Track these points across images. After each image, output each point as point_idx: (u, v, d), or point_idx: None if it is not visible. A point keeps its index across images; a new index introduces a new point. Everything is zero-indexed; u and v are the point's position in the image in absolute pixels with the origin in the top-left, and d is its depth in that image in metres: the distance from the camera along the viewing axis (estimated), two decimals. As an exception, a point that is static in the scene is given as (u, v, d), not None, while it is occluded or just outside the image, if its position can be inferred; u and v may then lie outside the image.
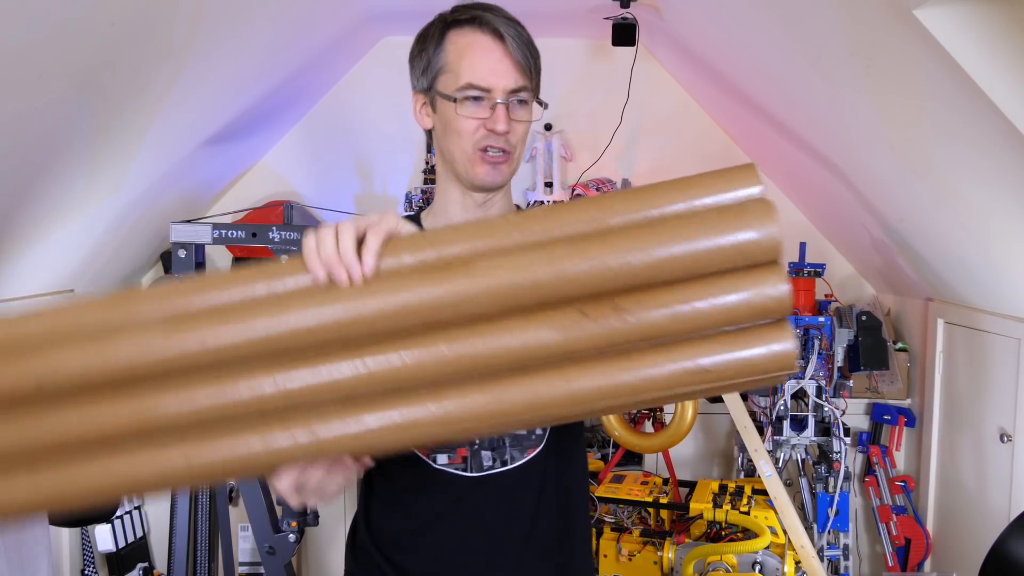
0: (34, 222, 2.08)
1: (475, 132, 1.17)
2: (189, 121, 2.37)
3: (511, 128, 1.18)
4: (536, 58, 1.20)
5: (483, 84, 1.16)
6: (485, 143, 1.17)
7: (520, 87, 1.17)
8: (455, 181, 1.23)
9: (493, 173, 1.19)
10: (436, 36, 1.20)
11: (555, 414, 0.77)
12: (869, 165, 2.26)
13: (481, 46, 1.17)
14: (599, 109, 3.03)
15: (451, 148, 1.20)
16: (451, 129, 1.19)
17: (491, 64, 1.16)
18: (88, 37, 1.64)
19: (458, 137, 1.18)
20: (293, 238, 2.24)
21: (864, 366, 2.55)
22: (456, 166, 1.21)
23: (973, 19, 1.42)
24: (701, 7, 2.36)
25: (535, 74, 1.20)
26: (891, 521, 2.68)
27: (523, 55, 1.17)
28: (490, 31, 1.17)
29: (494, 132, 1.16)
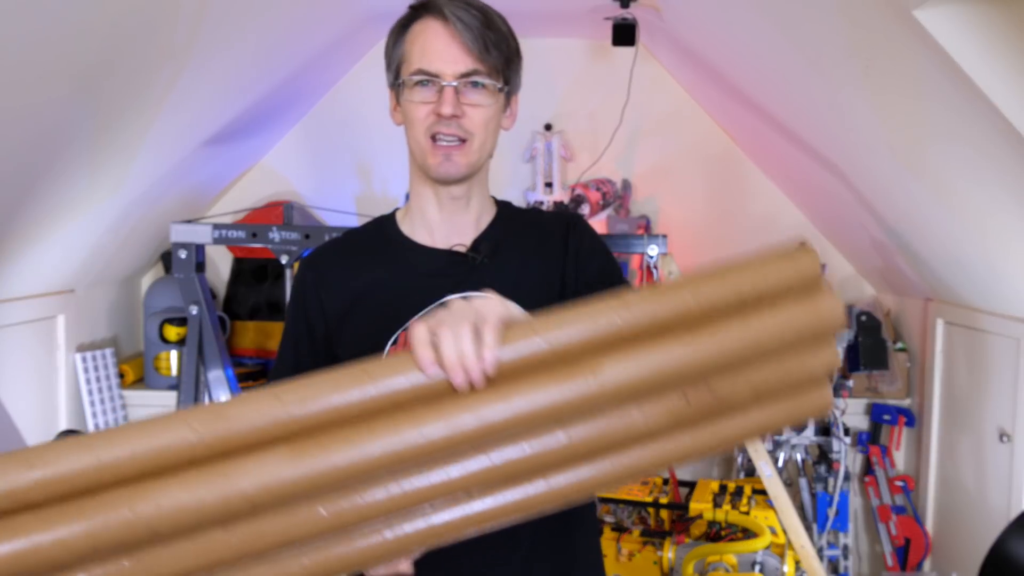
0: (34, 222, 2.08)
1: (425, 118, 1.15)
2: (189, 121, 2.37)
3: (463, 113, 1.14)
4: (500, 42, 1.15)
5: (430, 69, 1.14)
6: (435, 129, 1.14)
7: (471, 70, 1.14)
8: (423, 177, 1.21)
9: (447, 164, 1.16)
10: (398, 28, 1.21)
11: (645, 474, 0.86)
12: (869, 165, 2.26)
13: (431, 31, 1.16)
14: (599, 109, 3.03)
15: (410, 140, 1.19)
16: (407, 118, 1.18)
17: (439, 48, 1.14)
18: (88, 37, 1.64)
19: (412, 125, 1.17)
20: (293, 238, 2.24)
21: (864, 366, 2.55)
22: (416, 158, 1.19)
23: (973, 19, 1.42)
24: (701, 7, 2.36)
25: (497, 58, 1.15)
26: (891, 521, 2.68)
27: (474, 38, 1.13)
28: (439, 16, 1.14)
29: (442, 116, 1.13)
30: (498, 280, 1.18)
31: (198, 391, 2.32)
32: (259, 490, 0.74)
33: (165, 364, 2.80)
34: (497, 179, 3.08)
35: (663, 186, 3.10)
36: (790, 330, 0.82)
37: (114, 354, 2.74)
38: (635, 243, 2.28)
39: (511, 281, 1.20)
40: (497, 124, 1.21)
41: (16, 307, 2.27)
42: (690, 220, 3.10)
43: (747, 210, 3.11)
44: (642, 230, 2.94)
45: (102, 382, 2.66)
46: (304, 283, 1.24)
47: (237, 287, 2.98)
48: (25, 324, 2.34)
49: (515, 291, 1.19)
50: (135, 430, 0.74)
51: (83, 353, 2.59)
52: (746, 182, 3.11)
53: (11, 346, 2.27)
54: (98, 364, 2.65)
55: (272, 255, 2.31)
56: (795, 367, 0.84)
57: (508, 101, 1.22)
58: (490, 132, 1.19)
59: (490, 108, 1.17)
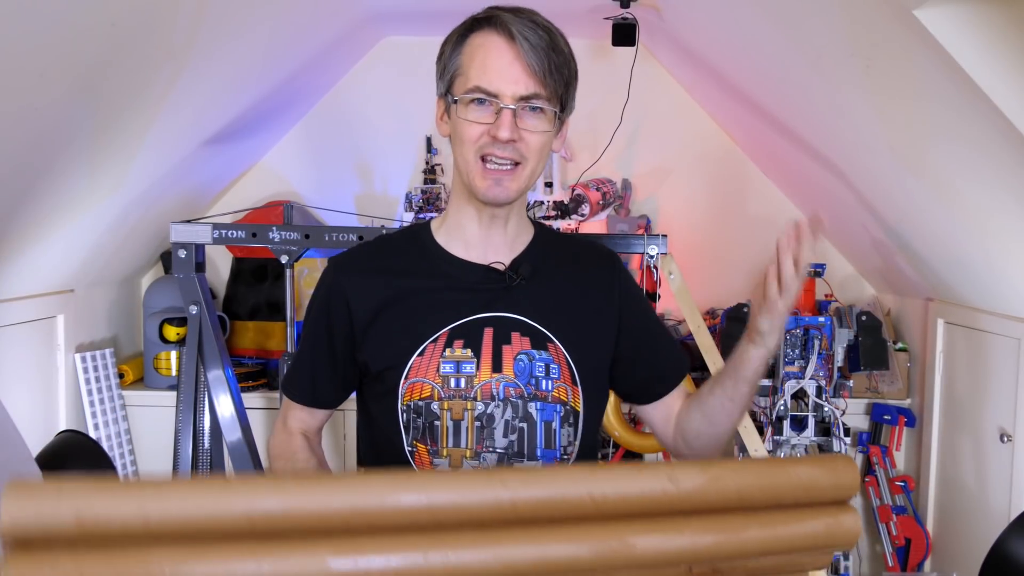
0: (34, 222, 2.08)
1: (478, 139, 1.10)
2: (189, 121, 2.37)
3: (520, 137, 1.10)
4: (562, 65, 1.12)
5: (490, 88, 1.09)
6: (487, 151, 1.10)
7: (532, 94, 1.10)
8: (467, 194, 1.17)
9: (496, 189, 1.12)
10: (456, 38, 1.15)
11: None
12: (869, 165, 2.26)
13: (493, 48, 1.10)
14: (599, 109, 3.03)
15: (458, 156, 1.14)
16: (457, 135, 1.13)
17: (500, 67, 1.09)
18: (88, 37, 1.64)
19: (462, 143, 1.12)
20: (293, 238, 2.24)
21: (864, 366, 2.55)
22: (463, 175, 1.15)
23: (973, 19, 1.42)
24: (701, 7, 2.36)
25: (557, 82, 1.11)
26: (891, 521, 2.68)
27: (539, 59, 1.09)
28: (504, 32, 1.09)
29: (497, 139, 1.09)
30: (534, 302, 1.19)
31: (198, 391, 2.31)
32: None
33: (165, 364, 2.80)
34: (497, 179, 3.09)
35: (663, 186, 3.10)
36: (807, 541, 0.88)
37: (114, 354, 2.74)
38: (635, 243, 2.28)
39: (548, 304, 1.20)
40: (549, 149, 1.17)
41: (16, 307, 2.27)
42: (690, 220, 3.09)
43: (747, 210, 3.10)
44: (642, 230, 2.94)
45: (102, 382, 2.65)
46: (331, 286, 1.22)
47: (237, 287, 2.98)
48: (25, 324, 2.34)
49: (553, 314, 1.21)
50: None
51: (83, 353, 2.59)
52: (746, 182, 3.11)
53: (11, 346, 2.27)
54: (98, 364, 2.65)
55: (272, 255, 2.31)
56: (792, 563, 0.89)
57: (561, 125, 1.19)
58: (542, 157, 1.15)
59: (547, 134, 1.13)
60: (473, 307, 1.17)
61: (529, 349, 1.17)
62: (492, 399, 1.15)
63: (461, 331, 1.16)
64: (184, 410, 2.33)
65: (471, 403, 1.15)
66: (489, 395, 1.15)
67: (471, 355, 1.15)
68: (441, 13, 2.79)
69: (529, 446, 1.16)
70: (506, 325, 1.17)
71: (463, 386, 1.15)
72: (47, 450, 2.05)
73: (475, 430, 1.15)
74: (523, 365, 1.17)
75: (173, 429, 2.38)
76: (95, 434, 2.59)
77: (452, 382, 1.15)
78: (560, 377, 1.18)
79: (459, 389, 1.15)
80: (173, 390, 2.52)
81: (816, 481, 0.87)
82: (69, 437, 2.15)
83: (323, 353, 1.24)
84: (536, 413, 1.16)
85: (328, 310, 1.22)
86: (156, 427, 2.75)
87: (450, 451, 1.15)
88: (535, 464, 1.16)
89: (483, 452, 1.15)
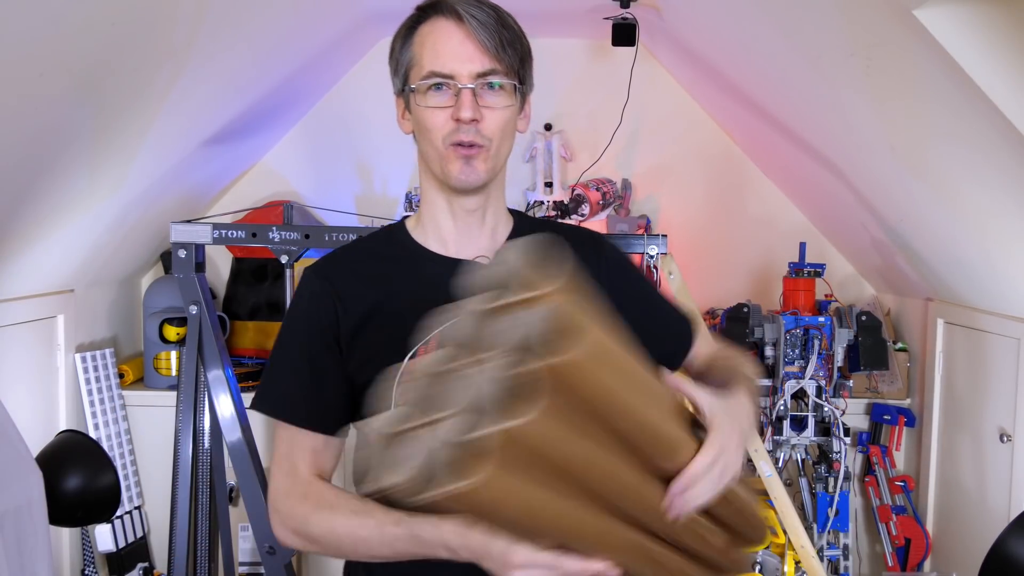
0: (34, 222, 2.08)
1: (444, 126, 1.08)
2: (189, 121, 2.37)
3: (481, 116, 1.07)
4: (514, 40, 1.10)
5: (444, 70, 1.07)
6: (456, 137, 1.07)
7: (488, 70, 1.07)
8: (437, 186, 1.15)
9: (467, 170, 1.09)
10: (404, 32, 1.13)
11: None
12: (869, 165, 2.26)
13: (443, 31, 1.08)
14: (599, 109, 3.03)
15: (425, 148, 1.12)
16: (421, 126, 1.10)
17: (452, 48, 1.07)
18: (88, 37, 1.64)
19: (428, 133, 1.09)
20: (293, 238, 2.24)
21: (864, 366, 2.55)
22: (432, 167, 1.12)
23: (973, 19, 1.42)
24: (701, 7, 2.36)
25: (512, 56, 1.09)
26: (891, 521, 2.68)
27: (490, 35, 1.07)
28: (451, 15, 1.07)
29: (461, 121, 1.06)
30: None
31: (198, 391, 2.31)
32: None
33: (165, 364, 2.80)
34: (497, 179, 3.09)
35: (663, 186, 3.10)
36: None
37: (114, 354, 2.74)
38: (635, 243, 2.28)
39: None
40: (514, 127, 1.15)
41: (16, 307, 2.27)
42: (690, 220, 3.09)
43: (747, 210, 3.10)
44: (642, 230, 2.94)
45: (102, 382, 2.65)
46: (315, 294, 1.15)
47: (237, 287, 2.98)
48: (25, 324, 2.34)
49: None
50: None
51: (83, 353, 2.59)
52: (746, 182, 3.11)
53: (10, 346, 2.27)
54: (98, 364, 2.65)
55: (272, 255, 2.31)
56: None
57: (523, 102, 1.16)
58: (507, 135, 1.13)
59: (508, 110, 1.11)
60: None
61: None
62: None
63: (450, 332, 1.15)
64: (184, 410, 2.33)
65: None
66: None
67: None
68: (441, 13, 2.80)
69: None
70: None
71: None
72: (47, 450, 2.05)
73: None
74: None
75: (173, 429, 2.38)
76: (95, 434, 2.59)
77: None
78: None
79: None
80: (173, 390, 2.52)
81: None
82: (69, 437, 2.15)
83: (324, 365, 1.14)
84: None
85: (318, 317, 1.14)
86: (156, 427, 2.75)
87: None
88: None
89: None
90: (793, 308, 2.60)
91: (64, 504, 1.95)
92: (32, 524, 1.73)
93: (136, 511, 2.74)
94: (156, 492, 2.77)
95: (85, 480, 2.01)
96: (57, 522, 1.94)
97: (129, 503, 2.70)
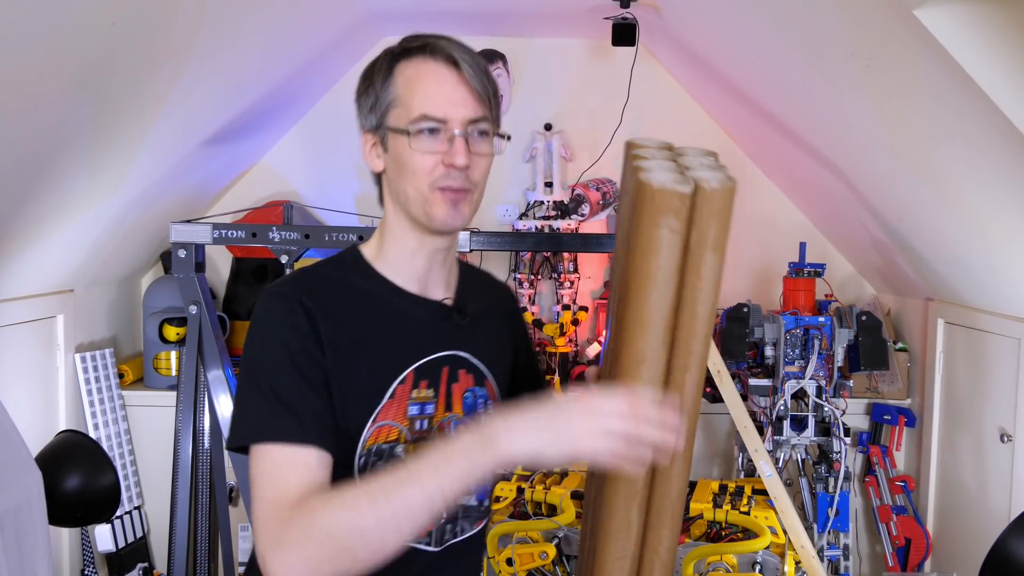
0: (33, 222, 2.08)
1: (433, 170, 1.06)
2: (189, 121, 2.37)
3: (472, 163, 1.07)
4: (495, 88, 1.11)
5: (438, 115, 1.05)
6: (444, 182, 1.06)
7: (480, 117, 1.07)
8: (411, 227, 1.12)
9: (452, 214, 1.07)
10: (384, 69, 1.10)
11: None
12: (869, 165, 2.26)
13: (434, 74, 1.07)
14: (599, 109, 3.03)
15: (405, 189, 1.09)
16: (405, 168, 1.07)
17: (446, 93, 1.06)
18: (88, 37, 1.64)
19: (413, 176, 1.07)
20: (293, 238, 2.24)
21: (864, 366, 2.55)
22: (411, 208, 1.09)
23: (973, 19, 1.42)
24: (701, 7, 2.36)
25: (495, 106, 1.11)
26: (891, 521, 2.68)
27: (480, 83, 1.07)
28: (443, 58, 1.07)
29: (453, 167, 1.06)
30: (473, 339, 1.19)
31: (198, 391, 2.31)
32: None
33: (165, 364, 2.80)
34: (497, 179, 3.09)
35: (663, 186, 3.10)
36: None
37: (113, 354, 2.74)
38: (635, 243, 2.28)
39: (482, 342, 1.21)
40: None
41: (15, 307, 2.27)
42: (690, 220, 3.09)
43: (747, 210, 3.10)
44: (642, 230, 2.93)
45: (101, 382, 2.65)
46: (298, 313, 1.06)
47: (237, 287, 2.98)
48: (24, 324, 2.34)
49: (485, 351, 1.22)
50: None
51: (82, 353, 2.59)
52: (746, 182, 3.10)
53: (10, 346, 2.27)
54: (97, 364, 2.65)
55: (272, 255, 2.31)
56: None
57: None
58: (486, 182, 1.14)
59: (491, 157, 1.12)
60: (432, 345, 1.14)
61: (473, 386, 1.19)
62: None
63: (424, 370, 1.13)
64: (184, 410, 2.33)
65: (430, 444, 1.09)
66: (443, 434, 1.15)
67: (432, 395, 1.13)
68: (440, 13, 2.80)
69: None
70: (456, 363, 1.17)
71: (425, 428, 1.13)
72: (47, 450, 2.05)
73: None
74: (469, 402, 1.18)
75: (173, 429, 2.38)
76: (95, 434, 2.59)
77: (417, 424, 1.12)
78: (493, 412, 1.20)
79: (422, 431, 1.13)
80: (173, 390, 2.52)
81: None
82: (69, 437, 2.15)
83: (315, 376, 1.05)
84: None
85: (307, 335, 1.06)
86: (156, 427, 2.75)
87: None
88: (470, 498, 1.18)
89: None
90: (793, 308, 2.60)
91: (64, 504, 1.95)
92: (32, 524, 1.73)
93: (136, 511, 2.74)
94: (156, 492, 2.77)
95: (85, 480, 2.01)
96: (57, 522, 1.94)
97: (129, 503, 2.70)
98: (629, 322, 0.96)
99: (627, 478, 1.00)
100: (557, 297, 2.97)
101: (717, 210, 0.94)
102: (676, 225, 0.93)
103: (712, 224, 0.94)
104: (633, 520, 1.03)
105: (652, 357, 0.96)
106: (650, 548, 1.05)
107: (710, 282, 0.96)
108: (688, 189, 0.92)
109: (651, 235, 0.92)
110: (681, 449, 0.97)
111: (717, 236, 0.95)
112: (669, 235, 0.93)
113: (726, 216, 0.95)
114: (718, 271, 0.96)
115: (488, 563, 2.16)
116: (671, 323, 0.96)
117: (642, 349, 0.96)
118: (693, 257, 0.95)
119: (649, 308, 0.95)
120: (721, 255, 0.96)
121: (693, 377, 0.99)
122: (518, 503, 2.38)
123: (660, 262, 0.93)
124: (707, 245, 0.94)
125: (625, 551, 1.04)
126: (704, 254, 0.95)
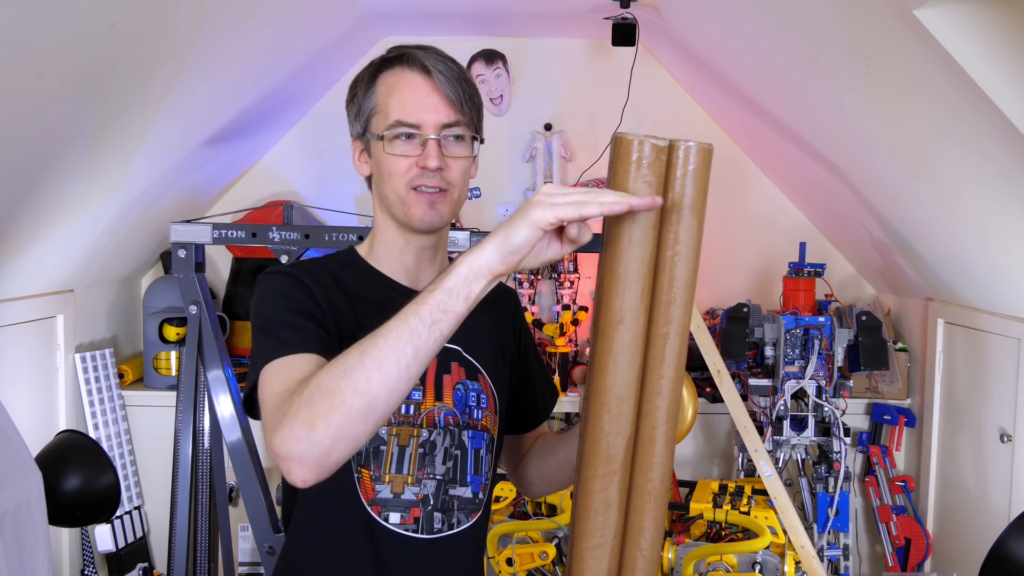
0: (33, 222, 2.08)
1: (407, 171, 1.14)
2: (189, 121, 2.37)
3: (445, 164, 1.13)
4: (473, 95, 1.17)
5: (411, 120, 1.13)
6: (418, 182, 1.13)
7: (453, 122, 1.14)
8: (396, 227, 1.20)
9: (430, 213, 1.15)
10: (366, 79, 1.18)
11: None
12: (869, 165, 2.26)
13: (408, 82, 1.14)
14: (599, 109, 3.03)
15: (386, 191, 1.16)
16: (384, 171, 1.15)
17: (419, 100, 1.13)
18: (88, 37, 1.64)
19: (390, 177, 1.15)
20: (293, 238, 2.24)
21: (864, 366, 2.55)
22: (393, 208, 1.17)
23: (973, 19, 1.42)
24: (701, 7, 2.36)
25: (471, 109, 1.16)
26: (891, 521, 2.68)
27: (454, 89, 1.13)
28: (417, 67, 1.14)
29: (426, 169, 1.12)
30: (466, 334, 1.16)
31: (198, 391, 2.31)
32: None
33: (165, 364, 2.80)
34: (497, 179, 3.09)
35: (663, 186, 3.10)
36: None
37: (113, 354, 2.74)
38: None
39: (476, 338, 1.23)
40: (470, 174, 1.21)
41: (15, 307, 2.27)
42: (690, 220, 3.09)
43: (747, 210, 3.10)
44: (642, 230, 2.94)
45: (101, 382, 2.65)
46: (299, 283, 1.13)
47: (237, 287, 2.98)
48: (24, 324, 2.34)
49: (479, 347, 1.25)
50: None
51: (82, 353, 2.59)
52: (746, 182, 3.11)
53: (10, 346, 2.27)
54: (97, 364, 2.65)
55: (272, 255, 2.31)
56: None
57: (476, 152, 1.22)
58: (466, 182, 1.20)
59: (468, 160, 1.18)
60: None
61: (464, 379, 1.22)
62: (434, 427, 1.19)
63: None
64: (184, 410, 2.33)
65: (417, 430, 1.18)
66: (432, 423, 1.19)
67: (419, 383, 1.16)
68: (440, 13, 2.80)
69: (461, 472, 1.20)
70: (446, 355, 1.21)
71: (411, 413, 1.18)
72: (47, 450, 2.05)
73: (418, 457, 1.17)
74: (460, 394, 1.21)
75: (173, 429, 2.38)
76: (95, 434, 2.59)
77: (402, 408, 1.17)
78: (488, 407, 1.24)
79: (408, 416, 1.18)
80: (173, 390, 2.52)
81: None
82: (69, 437, 2.15)
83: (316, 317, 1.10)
84: (468, 441, 1.21)
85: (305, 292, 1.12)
86: (156, 427, 2.75)
87: (392, 477, 1.16)
88: (465, 489, 1.21)
89: (423, 479, 1.17)
90: (793, 308, 2.60)
91: (64, 504, 1.95)
92: (32, 524, 1.73)
93: (136, 511, 2.74)
94: (156, 492, 2.77)
95: (85, 480, 2.01)
96: (57, 522, 1.94)
97: (129, 503, 2.70)
98: (606, 283, 0.93)
99: (605, 454, 0.95)
100: (557, 297, 2.97)
101: (694, 169, 0.92)
102: (651, 178, 0.91)
103: (689, 183, 0.93)
104: (612, 500, 0.97)
105: (629, 318, 0.93)
106: (631, 541, 0.99)
107: (688, 245, 0.94)
108: (663, 144, 0.91)
109: (626, 189, 0.90)
110: (635, 208, 0.90)
111: (695, 197, 0.93)
112: (645, 188, 0.90)
113: (704, 176, 0.93)
114: (697, 234, 0.94)
115: (488, 563, 2.16)
116: (648, 285, 0.94)
117: (619, 309, 0.93)
118: (671, 218, 0.93)
119: (625, 266, 0.92)
120: (700, 217, 0.94)
121: (674, 347, 0.96)
122: (518, 503, 2.39)
123: (636, 217, 0.91)
124: (685, 205, 0.93)
125: (603, 538, 0.98)
126: (682, 215, 0.93)
